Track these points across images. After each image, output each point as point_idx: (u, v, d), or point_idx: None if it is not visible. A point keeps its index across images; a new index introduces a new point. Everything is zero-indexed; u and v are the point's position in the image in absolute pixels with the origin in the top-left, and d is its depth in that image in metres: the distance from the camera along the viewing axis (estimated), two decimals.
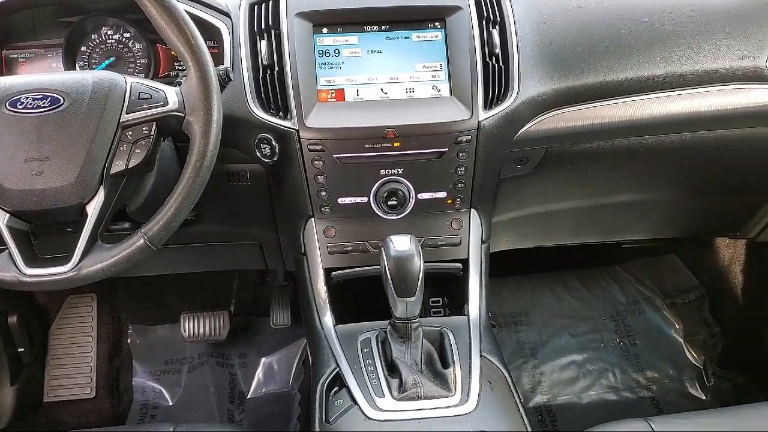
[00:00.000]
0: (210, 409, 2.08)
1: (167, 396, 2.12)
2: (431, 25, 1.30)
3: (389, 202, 1.32)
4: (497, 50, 1.30)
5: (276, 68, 1.26)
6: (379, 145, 1.26)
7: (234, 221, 1.57)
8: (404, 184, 1.31)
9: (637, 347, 2.22)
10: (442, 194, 1.34)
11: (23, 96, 1.04)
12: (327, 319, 1.35)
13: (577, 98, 1.35)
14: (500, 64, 1.30)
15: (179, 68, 1.41)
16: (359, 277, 1.38)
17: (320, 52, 1.28)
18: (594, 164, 1.52)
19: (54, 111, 1.03)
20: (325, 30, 1.28)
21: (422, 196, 1.33)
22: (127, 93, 1.07)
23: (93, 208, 1.05)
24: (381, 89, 1.28)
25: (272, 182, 1.39)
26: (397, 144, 1.26)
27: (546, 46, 1.34)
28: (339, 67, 1.28)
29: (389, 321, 1.22)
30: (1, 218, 1.04)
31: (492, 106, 1.28)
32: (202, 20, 1.29)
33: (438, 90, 1.29)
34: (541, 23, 1.36)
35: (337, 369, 1.23)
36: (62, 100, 1.04)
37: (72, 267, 1.05)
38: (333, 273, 1.38)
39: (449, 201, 1.36)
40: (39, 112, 1.03)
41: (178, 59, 1.40)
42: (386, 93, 1.28)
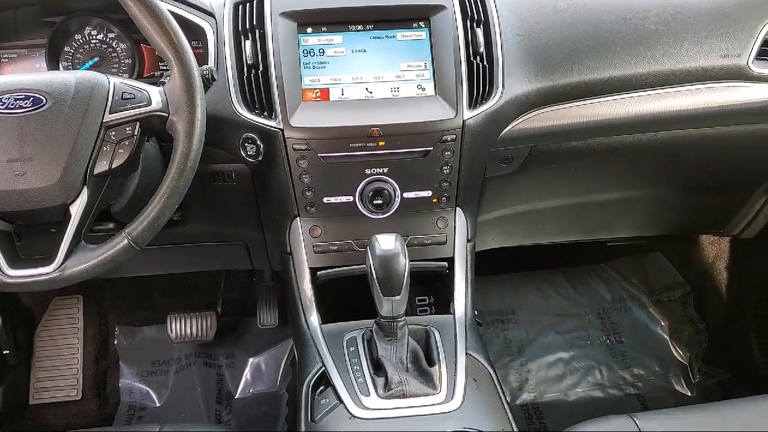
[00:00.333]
0: (197, 410, 2.07)
1: (154, 397, 2.11)
2: (416, 25, 1.30)
3: (375, 202, 1.32)
4: (481, 49, 1.31)
5: (260, 68, 1.26)
6: (364, 145, 1.26)
7: (220, 221, 1.57)
8: (390, 183, 1.32)
9: (623, 344, 2.23)
10: (428, 193, 1.35)
11: (5, 96, 1.03)
12: (313, 319, 1.35)
13: (562, 97, 1.36)
14: (484, 64, 1.30)
15: (164, 68, 1.40)
16: (345, 277, 1.39)
17: (305, 52, 1.28)
18: (578, 163, 1.53)
19: (36, 111, 1.03)
20: (310, 29, 1.28)
21: (408, 195, 1.34)
22: (110, 93, 1.07)
23: (76, 209, 1.05)
24: (366, 88, 1.28)
25: (257, 182, 1.39)
26: (382, 143, 1.27)
27: (530, 46, 1.34)
28: (324, 67, 1.28)
29: (375, 320, 1.23)
30: None
31: (476, 105, 1.29)
32: (187, 20, 1.29)
33: (423, 89, 1.29)
34: (525, 23, 1.36)
35: (323, 368, 1.23)
36: (45, 101, 1.03)
37: (55, 268, 1.04)
38: (319, 272, 1.38)
39: (435, 200, 1.36)
40: (21, 113, 1.02)
41: (163, 59, 1.39)
42: (371, 92, 1.28)
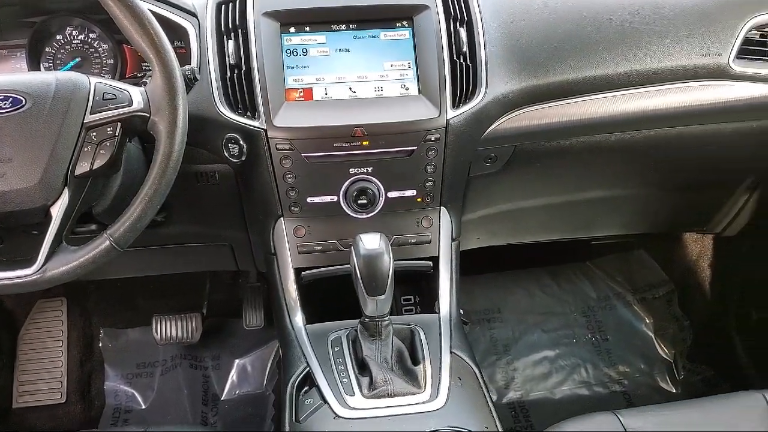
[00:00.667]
0: (183, 412, 2.06)
1: (140, 399, 2.10)
2: (399, 24, 1.30)
3: (359, 201, 1.32)
4: (465, 49, 1.31)
5: (243, 68, 1.26)
6: (348, 144, 1.26)
7: (204, 222, 1.56)
8: (374, 183, 1.32)
9: (609, 342, 2.25)
10: (412, 192, 1.35)
11: None
12: (297, 319, 1.35)
13: (545, 96, 1.36)
14: (468, 63, 1.30)
15: (146, 69, 1.39)
16: (330, 277, 1.38)
17: (288, 52, 1.27)
18: (562, 161, 1.54)
19: (16, 112, 1.02)
20: (293, 29, 1.28)
21: (392, 195, 1.34)
22: (91, 93, 1.06)
23: (57, 210, 1.04)
24: (349, 88, 1.28)
25: (241, 182, 1.38)
26: (366, 143, 1.26)
27: (513, 45, 1.35)
28: (307, 67, 1.28)
29: (360, 319, 1.23)
30: None
31: (460, 105, 1.29)
32: (169, 20, 1.28)
33: (406, 89, 1.29)
34: (508, 22, 1.36)
35: (308, 368, 1.23)
36: (24, 101, 1.02)
37: (36, 269, 1.03)
38: (303, 273, 1.38)
39: (419, 199, 1.36)
40: (0, 113, 1.02)
41: (145, 60, 1.39)
42: (355, 92, 1.28)
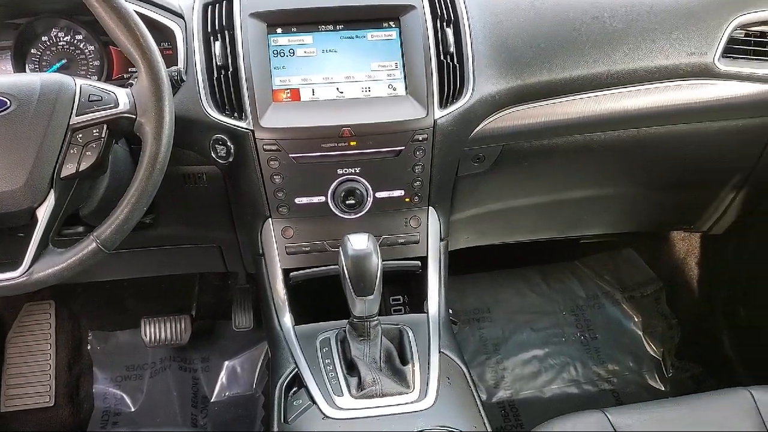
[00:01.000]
0: (173, 414, 2.05)
1: (129, 402, 2.09)
2: (386, 25, 1.30)
3: (347, 202, 1.32)
4: (452, 49, 1.31)
5: (230, 69, 1.26)
6: (336, 145, 1.26)
7: (192, 224, 1.56)
8: (362, 183, 1.32)
9: (598, 341, 2.26)
10: (400, 192, 1.35)
11: None
12: (286, 320, 1.35)
13: (532, 96, 1.37)
14: (455, 63, 1.31)
15: (133, 70, 1.39)
16: (318, 277, 1.38)
17: (275, 52, 1.27)
18: (550, 161, 1.55)
19: (1, 114, 1.01)
20: (280, 30, 1.28)
21: (380, 195, 1.34)
22: (77, 95, 1.05)
23: (43, 212, 1.03)
24: (337, 89, 1.28)
25: (229, 183, 1.38)
26: (354, 143, 1.26)
27: (500, 45, 1.35)
28: (294, 67, 1.27)
29: (348, 320, 1.23)
30: None
31: (447, 105, 1.29)
32: (155, 21, 1.28)
33: (394, 89, 1.29)
34: (495, 22, 1.37)
35: (296, 369, 1.23)
36: (9, 103, 1.02)
37: (22, 272, 1.03)
38: (291, 273, 1.38)
39: (407, 199, 1.36)
40: None
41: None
42: (342, 92, 1.28)
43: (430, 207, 1.41)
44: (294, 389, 1.21)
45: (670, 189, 1.81)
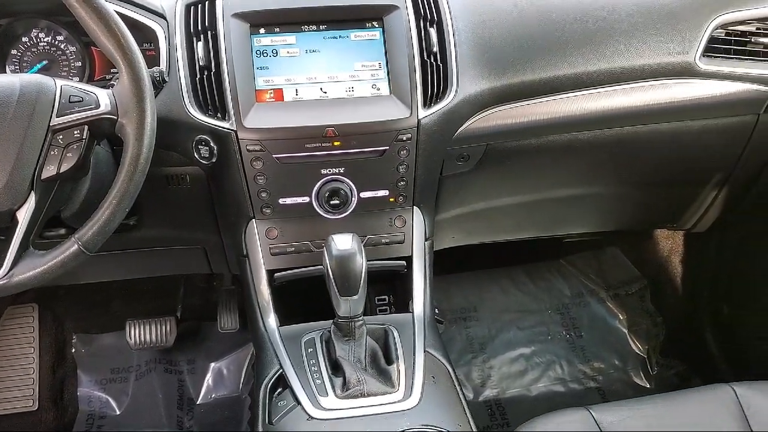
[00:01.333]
0: (158, 417, 2.04)
1: (114, 405, 2.08)
2: (369, 25, 1.30)
3: (331, 202, 1.31)
4: (435, 49, 1.31)
5: (213, 69, 1.25)
6: (320, 145, 1.26)
7: (176, 225, 1.55)
8: (346, 183, 1.31)
9: (583, 339, 2.27)
10: (385, 192, 1.35)
11: None
12: (271, 321, 1.34)
13: (515, 95, 1.37)
14: (438, 63, 1.31)
15: (115, 71, 1.38)
16: (303, 278, 1.38)
17: (258, 53, 1.27)
18: (534, 160, 1.55)
19: None
20: (263, 30, 1.27)
21: (365, 195, 1.33)
22: (57, 96, 1.04)
23: (24, 214, 1.02)
24: (320, 89, 1.28)
25: (212, 184, 1.37)
26: (338, 143, 1.26)
27: (483, 45, 1.35)
28: (277, 68, 1.27)
29: (333, 320, 1.22)
30: None
31: (431, 105, 1.29)
32: (137, 22, 1.27)
33: (377, 89, 1.29)
34: (478, 22, 1.37)
35: (281, 370, 1.22)
36: None
37: (3, 275, 1.02)
38: (276, 274, 1.38)
39: (392, 199, 1.36)
40: None
41: None
42: (326, 92, 1.28)
43: (415, 207, 1.41)
44: (279, 390, 1.21)
45: (654, 188, 1.82)
